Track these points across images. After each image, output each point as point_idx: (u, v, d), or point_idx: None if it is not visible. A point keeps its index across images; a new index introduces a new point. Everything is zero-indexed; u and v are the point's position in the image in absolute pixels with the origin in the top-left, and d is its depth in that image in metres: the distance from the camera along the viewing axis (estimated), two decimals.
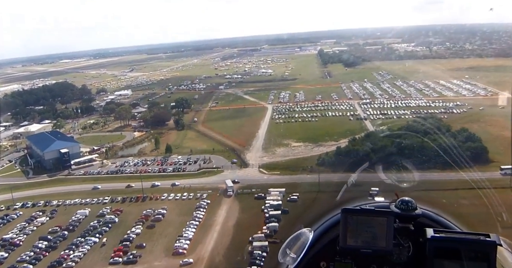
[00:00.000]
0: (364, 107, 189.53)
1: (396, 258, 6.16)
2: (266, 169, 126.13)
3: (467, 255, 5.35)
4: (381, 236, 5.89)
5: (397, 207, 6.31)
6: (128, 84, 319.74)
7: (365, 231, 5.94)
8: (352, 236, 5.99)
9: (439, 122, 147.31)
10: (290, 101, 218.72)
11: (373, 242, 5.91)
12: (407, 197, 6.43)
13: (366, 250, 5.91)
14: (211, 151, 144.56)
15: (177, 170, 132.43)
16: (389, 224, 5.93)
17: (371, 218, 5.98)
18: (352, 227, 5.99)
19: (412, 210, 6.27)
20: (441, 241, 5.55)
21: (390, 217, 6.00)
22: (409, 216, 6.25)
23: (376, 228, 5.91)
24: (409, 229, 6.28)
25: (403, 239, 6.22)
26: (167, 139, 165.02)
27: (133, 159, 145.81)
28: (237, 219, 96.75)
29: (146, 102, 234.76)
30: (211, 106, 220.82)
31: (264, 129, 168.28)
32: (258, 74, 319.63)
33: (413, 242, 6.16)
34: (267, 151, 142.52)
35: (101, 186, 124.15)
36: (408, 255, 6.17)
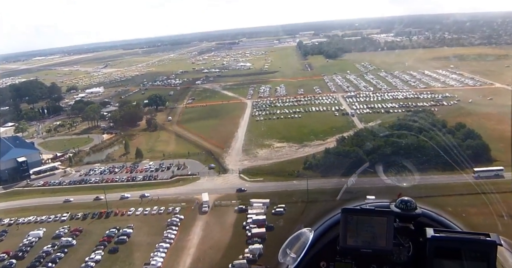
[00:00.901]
0: (350, 101, 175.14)
1: (396, 258, 5.95)
2: (248, 175, 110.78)
3: (467, 254, 5.22)
4: (381, 235, 5.72)
5: (397, 207, 6.10)
6: (101, 81, 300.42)
7: (365, 231, 5.76)
8: (352, 236, 5.80)
9: (431, 116, 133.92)
10: (270, 95, 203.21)
11: (373, 242, 5.73)
12: (407, 197, 6.20)
13: (366, 250, 5.73)
14: (186, 155, 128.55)
15: (148, 178, 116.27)
16: (389, 223, 5.75)
17: (371, 218, 5.79)
18: (352, 227, 5.80)
19: (412, 209, 6.06)
20: (441, 241, 5.40)
21: (390, 216, 5.81)
22: (409, 215, 6.05)
23: (376, 228, 5.73)
24: (409, 229, 6.09)
25: (403, 239, 6.04)
26: (138, 142, 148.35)
27: (100, 166, 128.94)
28: (214, 239, 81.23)
29: (118, 100, 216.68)
30: (187, 103, 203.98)
31: (243, 128, 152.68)
32: (236, 67, 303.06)
33: (413, 241, 5.98)
34: (248, 154, 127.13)
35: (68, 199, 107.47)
36: (408, 254, 5.98)
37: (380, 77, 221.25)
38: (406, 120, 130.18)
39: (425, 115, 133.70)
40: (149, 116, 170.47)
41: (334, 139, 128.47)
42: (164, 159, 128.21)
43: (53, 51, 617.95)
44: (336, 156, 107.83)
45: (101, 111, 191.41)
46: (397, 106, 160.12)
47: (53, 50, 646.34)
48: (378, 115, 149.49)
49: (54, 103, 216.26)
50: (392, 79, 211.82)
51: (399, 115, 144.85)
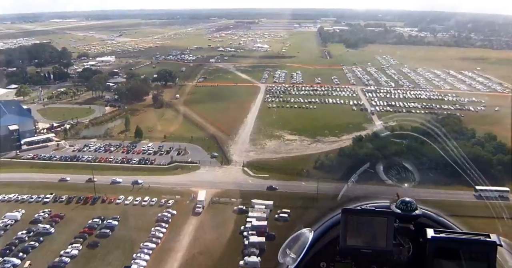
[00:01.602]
0: (369, 96, 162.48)
1: (396, 258, 5.83)
2: (252, 169, 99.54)
3: (467, 255, 5.16)
4: (381, 236, 5.62)
5: (398, 207, 5.98)
6: (114, 50, 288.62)
7: (365, 231, 5.66)
8: (353, 236, 5.68)
9: (458, 123, 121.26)
10: (286, 81, 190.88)
11: (374, 242, 5.63)
12: (407, 198, 6.08)
13: (366, 250, 5.65)
14: (189, 139, 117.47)
15: (145, 162, 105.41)
16: (390, 224, 5.65)
17: (371, 218, 5.69)
18: (353, 227, 5.69)
19: (413, 210, 5.95)
20: (441, 241, 5.33)
21: (391, 217, 5.71)
22: (410, 216, 5.94)
23: (377, 228, 5.64)
24: (409, 229, 5.96)
25: (403, 239, 5.92)
26: (140, 119, 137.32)
27: (96, 143, 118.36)
28: (207, 244, 70.44)
29: (127, 72, 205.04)
30: (198, 81, 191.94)
31: (254, 114, 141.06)
32: (253, 48, 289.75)
33: (414, 242, 5.87)
34: (255, 144, 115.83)
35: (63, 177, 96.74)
36: (408, 255, 5.86)
37: (403, 72, 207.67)
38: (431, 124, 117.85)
39: (451, 121, 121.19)
40: (156, 92, 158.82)
41: (350, 137, 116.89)
42: (165, 141, 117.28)
43: (71, 15, 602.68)
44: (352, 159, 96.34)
45: (108, 81, 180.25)
46: (419, 107, 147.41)
47: (72, 13, 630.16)
48: (400, 115, 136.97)
49: (61, 69, 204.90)
50: (415, 76, 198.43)
51: (422, 117, 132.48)
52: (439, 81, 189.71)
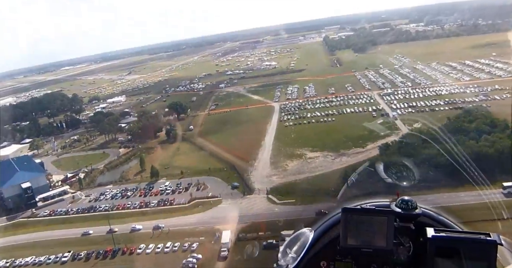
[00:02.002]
0: (387, 99, 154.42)
1: (396, 258, 5.79)
2: (277, 195, 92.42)
3: (467, 254, 5.12)
4: (381, 235, 5.57)
5: (398, 206, 5.90)
6: (124, 89, 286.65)
7: (365, 230, 5.60)
8: (353, 236, 5.63)
9: (488, 115, 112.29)
10: (299, 97, 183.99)
11: (374, 241, 5.57)
12: (407, 196, 6.00)
13: (366, 250, 5.60)
14: (207, 171, 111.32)
15: (164, 203, 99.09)
16: (390, 223, 5.60)
17: (371, 218, 5.64)
18: (353, 227, 5.64)
19: (413, 209, 5.87)
20: (441, 241, 5.28)
21: (391, 216, 5.66)
22: (410, 215, 5.87)
23: (377, 228, 5.58)
24: (409, 229, 5.92)
25: (403, 239, 5.87)
26: (155, 157, 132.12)
27: (112, 189, 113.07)
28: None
29: (138, 110, 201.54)
30: (210, 109, 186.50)
31: (271, 135, 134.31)
32: (261, 67, 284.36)
33: (414, 241, 5.83)
34: (276, 167, 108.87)
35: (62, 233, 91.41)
36: (408, 254, 5.83)
37: (417, 70, 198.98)
38: (459, 120, 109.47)
39: (480, 114, 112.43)
40: (169, 127, 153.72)
41: (375, 146, 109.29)
42: (182, 178, 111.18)
43: (80, 60, 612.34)
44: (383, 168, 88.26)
45: (120, 122, 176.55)
46: (442, 103, 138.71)
47: (81, 59, 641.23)
48: (423, 115, 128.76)
49: (73, 116, 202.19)
50: (431, 72, 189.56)
51: (448, 114, 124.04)
52: (456, 73, 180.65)
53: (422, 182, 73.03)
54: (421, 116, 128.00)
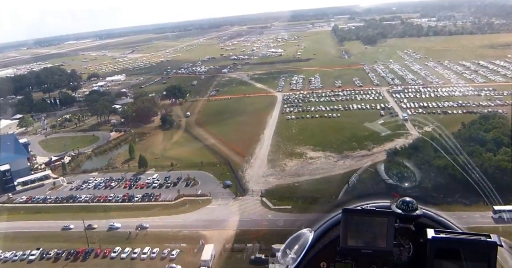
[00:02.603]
0: (397, 97, 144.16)
1: (396, 259, 5.67)
2: (272, 199, 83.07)
3: (467, 255, 5.05)
4: (381, 236, 5.42)
5: (398, 207, 5.71)
6: (125, 68, 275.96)
7: (365, 231, 5.45)
8: (353, 236, 5.46)
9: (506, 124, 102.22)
10: (304, 88, 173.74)
11: (374, 242, 5.44)
12: (408, 198, 5.79)
13: (366, 251, 5.47)
14: (199, 165, 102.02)
15: (148, 198, 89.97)
16: (390, 224, 5.45)
17: (371, 218, 5.48)
18: (353, 227, 5.47)
19: (413, 210, 5.67)
20: (441, 242, 5.18)
21: (391, 217, 5.49)
22: (410, 216, 5.68)
23: (377, 228, 5.44)
24: (410, 230, 5.74)
25: (403, 240, 5.73)
26: (147, 144, 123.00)
27: (96, 177, 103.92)
28: None
29: (137, 90, 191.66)
30: (210, 95, 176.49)
31: (271, 129, 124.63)
32: (267, 54, 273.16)
33: (414, 242, 5.70)
34: (274, 166, 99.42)
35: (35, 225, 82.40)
36: (408, 255, 5.69)
37: (429, 67, 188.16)
38: (475, 127, 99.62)
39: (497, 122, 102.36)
40: (165, 111, 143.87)
41: (382, 150, 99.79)
42: (172, 170, 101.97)
43: (86, 35, 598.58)
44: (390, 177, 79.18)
45: (116, 103, 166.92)
46: (455, 106, 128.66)
47: (87, 34, 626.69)
48: (434, 118, 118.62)
49: (66, 93, 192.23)
50: (443, 71, 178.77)
51: (461, 118, 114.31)
52: (470, 73, 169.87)
53: (430, 198, 64.11)
54: (432, 118, 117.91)
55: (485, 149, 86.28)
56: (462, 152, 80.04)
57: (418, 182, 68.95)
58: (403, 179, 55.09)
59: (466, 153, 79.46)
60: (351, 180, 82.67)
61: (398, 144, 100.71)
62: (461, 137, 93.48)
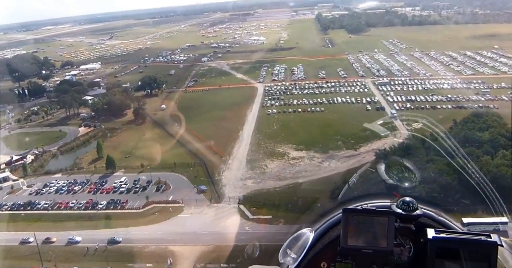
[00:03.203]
0: (383, 90, 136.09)
1: (397, 258, 5.64)
2: (251, 207, 74.46)
3: (468, 255, 5.02)
4: (382, 236, 5.42)
5: (398, 207, 5.72)
6: (101, 55, 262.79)
7: (366, 231, 5.45)
8: (353, 236, 5.47)
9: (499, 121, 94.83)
10: (286, 78, 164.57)
11: (374, 242, 5.42)
12: (408, 197, 5.81)
13: (367, 250, 5.45)
14: (172, 166, 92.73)
15: (114, 205, 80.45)
16: (390, 224, 5.45)
17: (372, 218, 5.48)
18: (353, 227, 5.49)
19: (413, 210, 5.69)
20: (442, 242, 5.15)
21: (391, 217, 5.50)
22: (410, 216, 5.69)
23: (377, 228, 5.44)
24: (410, 229, 5.75)
25: (404, 239, 5.73)
26: (117, 141, 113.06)
27: (59, 180, 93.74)
28: None
29: (110, 80, 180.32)
30: (188, 86, 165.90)
31: (251, 124, 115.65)
32: (249, 42, 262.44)
33: (414, 242, 5.70)
34: (253, 167, 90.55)
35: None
36: (409, 255, 5.67)
37: (415, 58, 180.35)
38: (469, 126, 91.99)
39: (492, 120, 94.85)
40: (138, 104, 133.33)
41: (370, 149, 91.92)
42: (143, 171, 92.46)
43: (65, 21, 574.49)
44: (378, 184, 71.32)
45: (87, 94, 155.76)
46: (445, 100, 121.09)
47: (66, 19, 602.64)
48: (423, 113, 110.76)
49: (36, 83, 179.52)
50: (429, 62, 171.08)
51: (451, 113, 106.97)
52: (458, 65, 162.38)
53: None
54: (421, 114, 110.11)
55: (481, 152, 78.81)
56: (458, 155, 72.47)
57: (410, 191, 61.07)
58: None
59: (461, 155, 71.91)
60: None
61: (386, 144, 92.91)
62: (455, 137, 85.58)
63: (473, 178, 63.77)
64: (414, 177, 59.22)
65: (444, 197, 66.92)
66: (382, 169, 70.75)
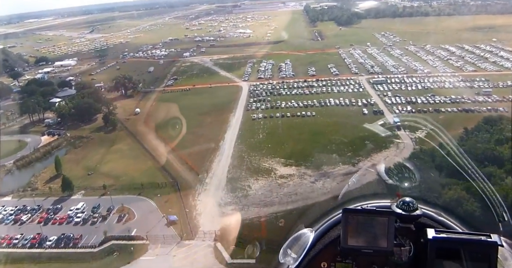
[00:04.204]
0: (380, 89, 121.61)
1: (397, 258, 5.56)
2: (230, 246, 59.56)
3: (468, 255, 4.97)
4: (382, 236, 5.37)
5: (398, 207, 5.70)
6: (79, 50, 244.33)
7: (366, 231, 5.41)
8: (353, 236, 5.43)
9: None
10: (273, 76, 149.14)
11: (374, 242, 5.38)
12: (408, 198, 5.79)
13: (367, 251, 5.41)
14: (140, 187, 77.38)
15: (65, 242, 64.81)
16: (390, 224, 5.39)
17: (372, 218, 5.42)
18: (353, 227, 5.45)
19: (413, 210, 5.66)
20: (442, 242, 5.12)
21: (391, 217, 5.44)
22: (410, 216, 5.66)
23: (377, 228, 5.38)
24: (410, 230, 5.71)
25: (404, 240, 5.66)
26: (81, 154, 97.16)
27: (7, 205, 77.66)
28: None
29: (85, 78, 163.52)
30: (167, 84, 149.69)
31: (234, 132, 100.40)
32: (234, 35, 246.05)
33: (414, 242, 5.63)
34: (234, 188, 75.35)
35: None
36: (409, 255, 5.59)
37: (410, 52, 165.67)
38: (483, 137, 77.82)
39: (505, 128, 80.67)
40: (107, 109, 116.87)
41: (370, 164, 77.14)
42: (105, 194, 77.00)
43: (49, 13, 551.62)
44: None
45: (56, 95, 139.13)
46: (448, 102, 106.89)
47: (50, 11, 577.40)
48: (427, 118, 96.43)
49: (2, 83, 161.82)
50: (426, 56, 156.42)
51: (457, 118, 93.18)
52: (457, 60, 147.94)
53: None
54: (424, 119, 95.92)
55: (503, 172, 64.64)
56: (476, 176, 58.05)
57: None
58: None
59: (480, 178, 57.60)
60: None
61: (388, 157, 78.57)
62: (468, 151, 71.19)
63: (497, 208, 49.69)
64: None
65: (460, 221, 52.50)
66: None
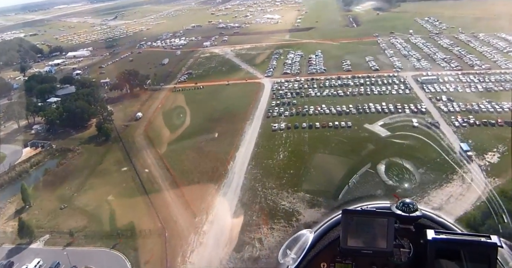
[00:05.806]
0: (431, 92, 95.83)
1: (396, 259, 5.48)
2: None
3: (468, 256, 4.87)
4: (381, 237, 5.26)
5: (398, 208, 5.62)
6: (97, 38, 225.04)
7: (365, 232, 5.31)
8: (353, 237, 5.33)
9: None
10: (301, 71, 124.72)
11: (374, 243, 5.27)
12: (408, 199, 5.71)
13: (366, 251, 5.30)
14: (115, 235, 56.42)
15: None
16: (390, 225, 5.29)
17: (371, 219, 5.34)
18: (353, 228, 5.34)
19: (413, 211, 5.58)
20: (442, 243, 5.01)
21: (391, 218, 5.34)
22: (410, 217, 5.57)
23: (377, 229, 5.29)
24: (410, 230, 5.63)
25: (404, 240, 5.58)
26: (61, 175, 76.85)
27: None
28: None
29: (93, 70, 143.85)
30: (179, 80, 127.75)
31: (248, 149, 77.61)
32: (261, 21, 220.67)
33: (414, 243, 5.55)
34: (240, 244, 53.15)
35: None
36: (409, 256, 5.52)
37: (461, 42, 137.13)
38: None
39: None
40: (101, 115, 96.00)
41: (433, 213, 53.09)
42: (71, 244, 56.45)
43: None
44: None
45: (56, 93, 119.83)
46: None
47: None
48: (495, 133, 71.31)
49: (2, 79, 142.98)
50: (481, 47, 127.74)
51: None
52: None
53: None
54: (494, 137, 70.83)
55: None
56: None
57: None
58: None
59: None
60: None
61: (451, 199, 54.72)
62: None
63: None
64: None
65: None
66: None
